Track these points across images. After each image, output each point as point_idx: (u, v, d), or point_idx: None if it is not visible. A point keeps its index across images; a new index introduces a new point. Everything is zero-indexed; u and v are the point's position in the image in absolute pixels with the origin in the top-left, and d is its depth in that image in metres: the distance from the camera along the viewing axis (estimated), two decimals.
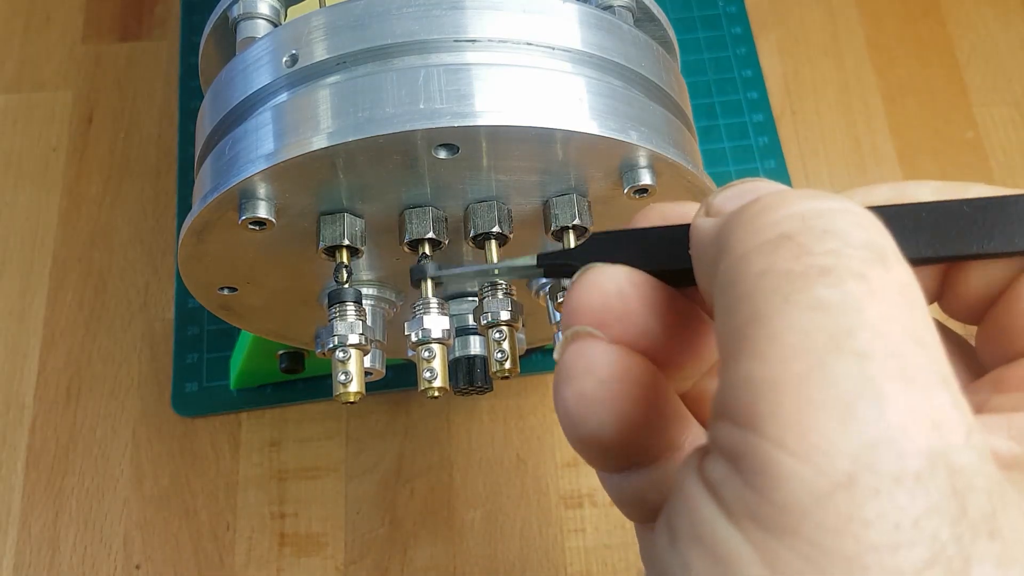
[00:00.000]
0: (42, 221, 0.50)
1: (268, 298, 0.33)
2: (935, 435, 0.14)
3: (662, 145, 0.27)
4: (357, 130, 0.25)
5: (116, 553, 0.42)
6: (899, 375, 0.14)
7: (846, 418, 0.14)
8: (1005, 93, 0.53)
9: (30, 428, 0.45)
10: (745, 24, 0.55)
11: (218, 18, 0.31)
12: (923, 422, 0.14)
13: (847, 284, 0.15)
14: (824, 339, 0.14)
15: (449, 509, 0.43)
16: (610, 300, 0.19)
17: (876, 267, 0.15)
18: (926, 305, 0.16)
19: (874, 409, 0.14)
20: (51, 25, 0.55)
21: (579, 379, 0.19)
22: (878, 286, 0.15)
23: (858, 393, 0.14)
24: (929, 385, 0.14)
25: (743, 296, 0.16)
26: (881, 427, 0.14)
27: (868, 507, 0.13)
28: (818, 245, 0.15)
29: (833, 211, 0.16)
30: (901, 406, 0.14)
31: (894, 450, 0.14)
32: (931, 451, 0.14)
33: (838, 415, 0.14)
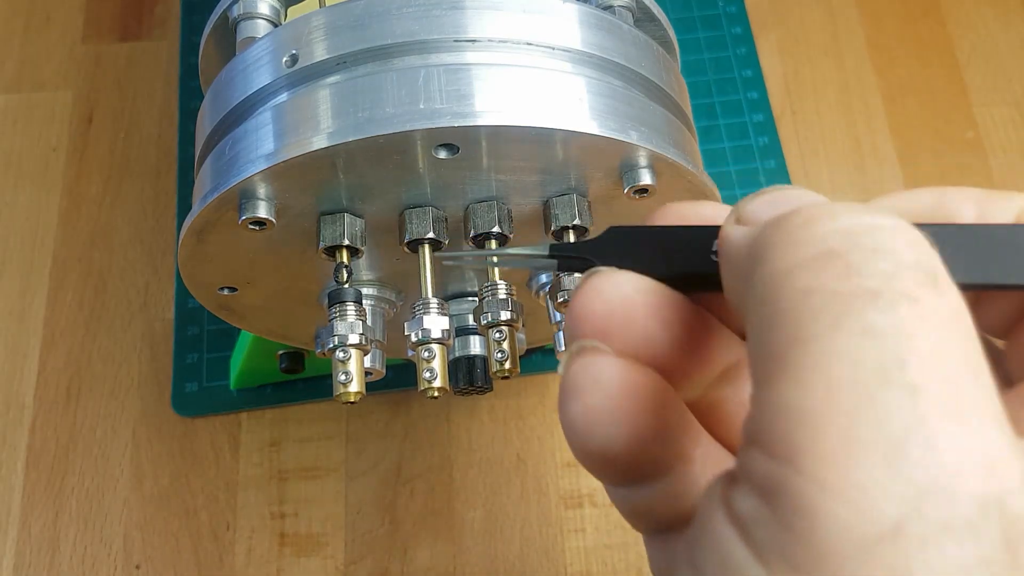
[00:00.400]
0: (42, 221, 0.50)
1: (268, 298, 0.33)
2: (991, 479, 0.13)
3: (662, 145, 0.27)
4: (357, 130, 0.25)
5: (116, 553, 0.42)
6: (953, 412, 0.13)
7: (895, 459, 0.13)
8: (1005, 93, 0.53)
9: (30, 428, 0.45)
10: (745, 24, 0.55)
11: (218, 18, 0.31)
12: (978, 465, 0.13)
13: (899, 309, 0.14)
14: (874, 369, 0.13)
15: (449, 509, 0.43)
16: (614, 308, 0.18)
17: (928, 290, 0.14)
18: (976, 333, 0.15)
19: (926, 450, 0.13)
20: (51, 25, 0.55)
21: (585, 394, 0.18)
22: (931, 311, 0.14)
23: (909, 431, 0.13)
24: (984, 423, 0.13)
25: (784, 314, 0.15)
26: (933, 471, 0.13)
27: (915, 558, 0.13)
28: (868, 265, 0.14)
29: (883, 228, 0.15)
30: (955, 447, 0.13)
31: (946, 496, 0.13)
32: (985, 497, 0.13)
33: (886, 455, 0.13)
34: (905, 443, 0.13)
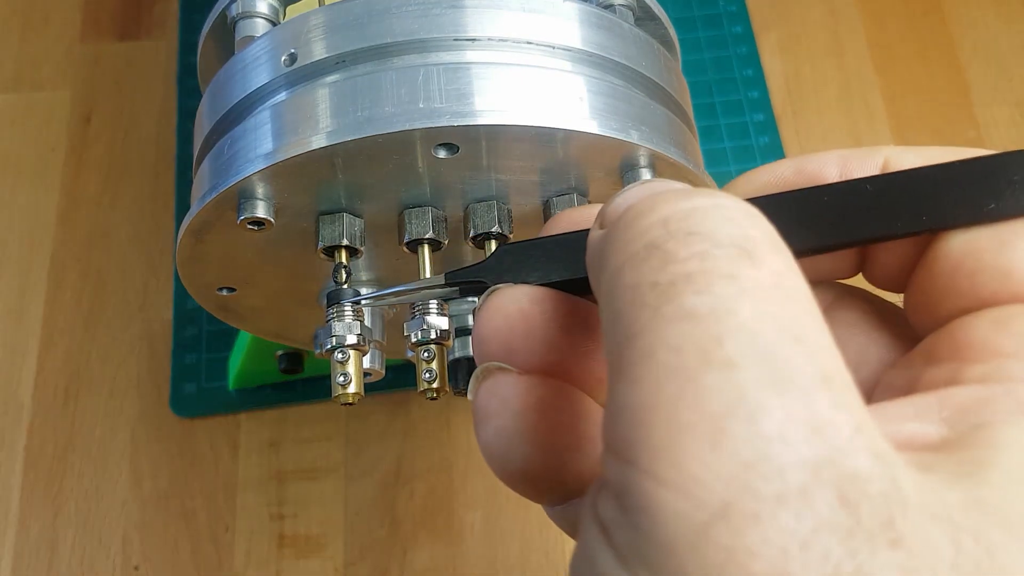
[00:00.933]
0: (40, 221, 0.50)
1: (267, 298, 0.33)
2: (817, 441, 0.13)
3: (663, 144, 0.27)
4: (356, 129, 0.25)
5: (115, 554, 0.42)
6: (771, 381, 0.13)
7: (719, 438, 0.13)
8: (1007, 93, 0.53)
9: (28, 429, 0.45)
10: (746, 23, 0.55)
11: (216, 17, 0.31)
12: (802, 430, 0.13)
13: (715, 287, 0.14)
14: (693, 353, 0.13)
15: (449, 510, 0.43)
16: (514, 322, 0.18)
17: (744, 264, 0.14)
18: (809, 294, 0.14)
19: (748, 424, 0.13)
20: (49, 25, 0.55)
21: (495, 416, 0.18)
22: (750, 284, 0.14)
23: (730, 408, 0.13)
24: (807, 386, 0.13)
25: (617, 314, 0.15)
26: (755, 443, 0.13)
27: (750, 535, 0.12)
28: (683, 250, 0.14)
29: (699, 209, 0.15)
30: (776, 416, 0.13)
31: (772, 467, 0.12)
32: (815, 460, 0.13)
33: (709, 437, 0.13)
34: (726, 420, 0.13)
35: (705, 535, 0.12)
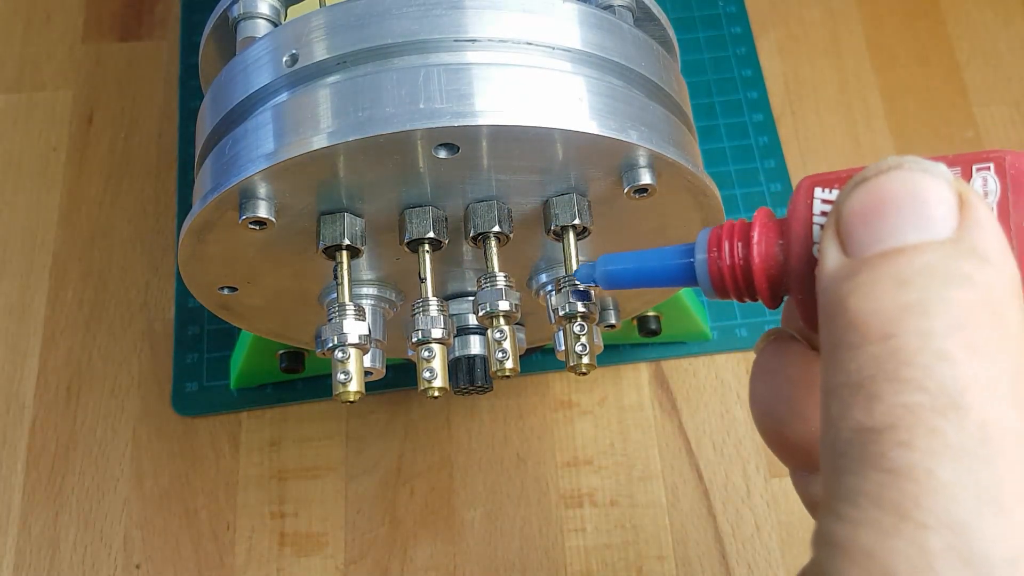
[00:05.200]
0: (42, 221, 0.50)
1: (268, 298, 0.33)
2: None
3: (662, 145, 0.27)
4: (357, 129, 0.25)
5: (116, 553, 0.42)
6: (959, 555, 0.13)
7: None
8: (1005, 93, 0.53)
9: (30, 428, 0.45)
10: (745, 24, 0.55)
11: (218, 18, 0.31)
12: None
13: (917, 442, 0.14)
14: (891, 509, 0.14)
15: (449, 509, 0.43)
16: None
17: (951, 417, 0.14)
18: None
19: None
20: (51, 25, 0.55)
21: (773, 374, 0.19)
22: (953, 441, 0.14)
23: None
24: (996, 567, 0.13)
25: (832, 425, 0.15)
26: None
27: None
28: (891, 395, 0.14)
29: (913, 335, 0.14)
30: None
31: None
32: None
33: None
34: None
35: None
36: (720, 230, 0.20)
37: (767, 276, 0.19)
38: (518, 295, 0.29)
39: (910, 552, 0.13)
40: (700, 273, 0.20)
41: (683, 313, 0.43)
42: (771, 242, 0.19)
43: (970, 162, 0.17)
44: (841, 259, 0.16)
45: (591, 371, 0.30)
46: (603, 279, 0.22)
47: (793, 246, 0.18)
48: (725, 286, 0.19)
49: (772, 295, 0.19)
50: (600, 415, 0.45)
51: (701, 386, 0.46)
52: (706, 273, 0.19)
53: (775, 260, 0.18)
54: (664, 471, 0.44)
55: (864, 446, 0.14)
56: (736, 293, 0.19)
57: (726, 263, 0.19)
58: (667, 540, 0.42)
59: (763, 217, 0.19)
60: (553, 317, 0.30)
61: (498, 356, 0.29)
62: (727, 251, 0.19)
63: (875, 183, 0.16)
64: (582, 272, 0.23)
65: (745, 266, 0.19)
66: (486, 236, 0.28)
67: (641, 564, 0.42)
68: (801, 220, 0.18)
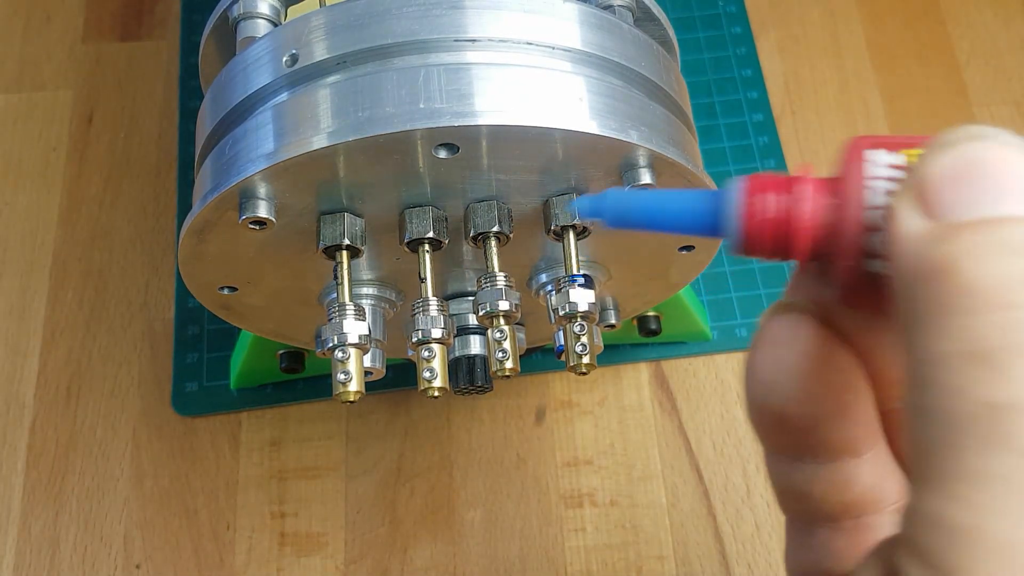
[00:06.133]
0: (42, 221, 0.50)
1: (268, 298, 0.33)
2: None
3: (662, 144, 0.27)
4: (357, 129, 0.25)
5: (116, 553, 0.42)
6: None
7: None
8: (1005, 93, 0.53)
9: (30, 428, 0.45)
10: (745, 24, 0.55)
11: (218, 18, 0.31)
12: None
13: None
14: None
15: (449, 509, 0.43)
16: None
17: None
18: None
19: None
20: (51, 25, 0.55)
21: (780, 345, 0.18)
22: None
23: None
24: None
25: (935, 401, 0.14)
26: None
27: None
28: (1019, 367, 0.13)
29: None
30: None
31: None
32: None
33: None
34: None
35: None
36: (758, 179, 0.18)
37: (813, 235, 0.17)
38: (518, 295, 0.29)
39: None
40: (733, 220, 0.18)
41: (683, 313, 0.43)
42: (821, 201, 0.17)
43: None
44: (926, 223, 0.15)
45: (591, 371, 0.30)
46: (612, 214, 0.19)
47: (850, 208, 0.17)
48: (762, 239, 0.17)
49: (812, 255, 0.17)
50: (600, 415, 0.45)
51: (701, 386, 0.46)
52: (739, 223, 0.17)
53: (823, 219, 0.17)
54: (664, 471, 0.44)
55: (990, 423, 0.13)
56: (772, 249, 0.18)
57: (769, 215, 0.17)
58: (667, 540, 0.42)
59: (810, 173, 0.18)
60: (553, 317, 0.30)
61: (498, 356, 0.29)
62: (771, 204, 0.17)
63: (963, 148, 0.15)
64: (584, 204, 0.19)
65: (788, 221, 0.17)
66: (486, 236, 0.28)
67: (641, 564, 0.42)
68: (855, 181, 0.17)
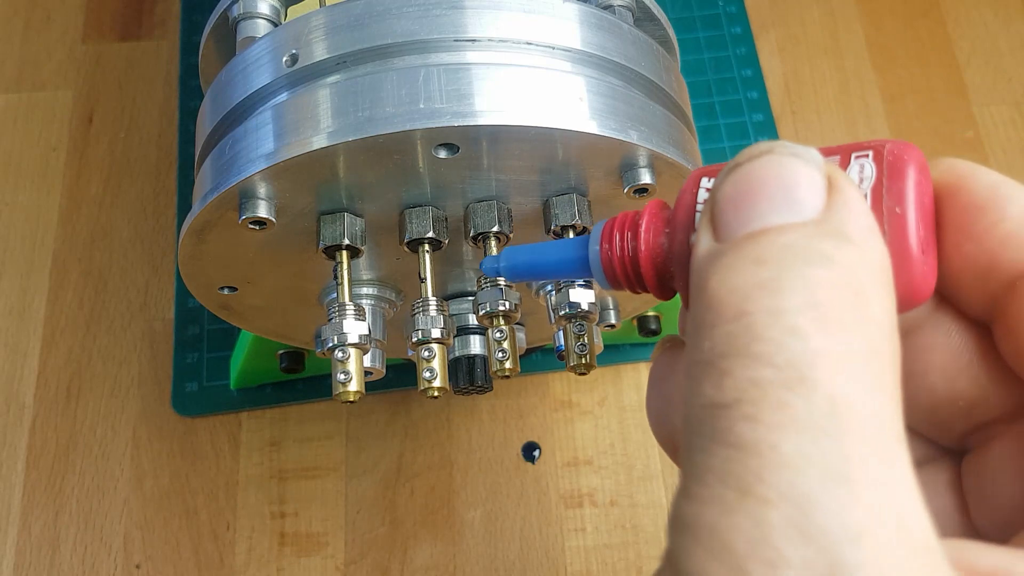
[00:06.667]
0: (42, 221, 0.50)
1: (268, 298, 0.33)
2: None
3: (662, 145, 0.27)
4: (357, 129, 0.25)
5: (116, 553, 0.42)
6: (799, 528, 0.13)
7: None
8: (1005, 92, 0.53)
9: (30, 428, 0.45)
10: (745, 24, 0.55)
11: (218, 18, 0.31)
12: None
13: (764, 416, 0.14)
14: (735, 485, 0.13)
15: (449, 509, 0.43)
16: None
17: (797, 390, 0.14)
18: (876, 416, 0.14)
19: (765, 569, 0.13)
20: (51, 25, 0.55)
21: (663, 381, 0.19)
22: (801, 413, 0.14)
23: (752, 550, 0.13)
24: (837, 539, 0.13)
25: (688, 401, 0.14)
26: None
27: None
28: (739, 370, 0.14)
29: (761, 313, 0.14)
30: (795, 567, 0.13)
31: None
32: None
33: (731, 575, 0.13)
34: (748, 563, 0.13)
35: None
36: (613, 222, 0.20)
37: (654, 265, 0.19)
38: (518, 295, 0.29)
39: (749, 527, 0.13)
40: (593, 264, 0.20)
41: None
42: (658, 232, 0.19)
43: (851, 150, 0.17)
44: (712, 243, 0.16)
45: (591, 371, 0.30)
46: (506, 271, 0.21)
47: (677, 234, 0.18)
48: (616, 277, 0.19)
49: (660, 285, 0.19)
50: (600, 415, 0.45)
51: None
52: (599, 264, 0.19)
53: (661, 249, 0.19)
54: (664, 471, 0.44)
55: (712, 422, 0.14)
56: (628, 284, 0.19)
57: (616, 254, 0.19)
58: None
59: (653, 207, 0.19)
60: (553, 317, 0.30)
61: (498, 356, 0.29)
62: (617, 242, 0.19)
63: (746, 168, 0.16)
64: (487, 264, 0.22)
65: (633, 256, 0.19)
66: (486, 236, 0.28)
67: (641, 564, 0.42)
68: (685, 208, 0.18)
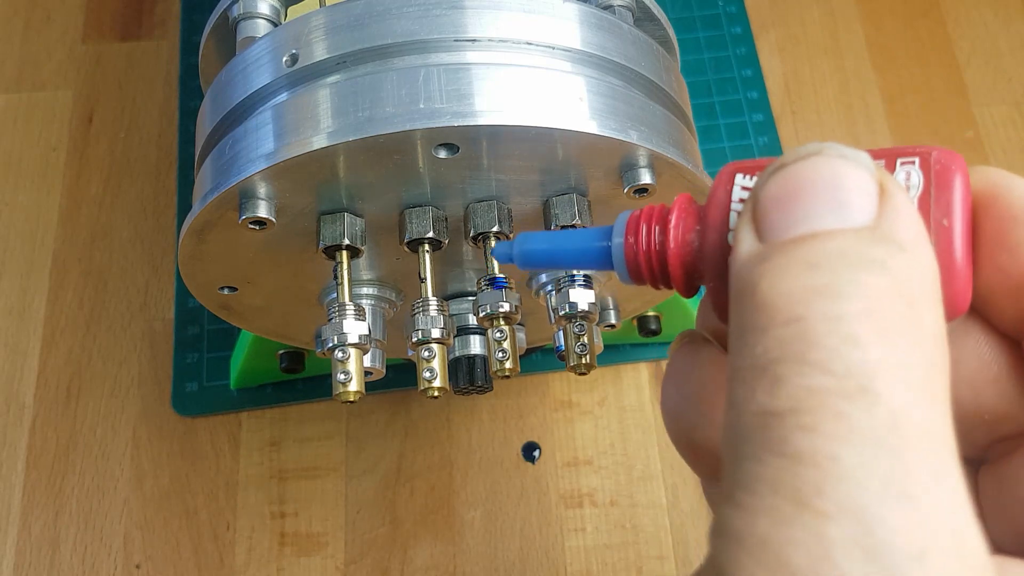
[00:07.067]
0: (42, 221, 0.50)
1: (268, 298, 0.33)
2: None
3: (662, 145, 0.27)
4: (357, 130, 0.25)
5: (116, 553, 0.42)
6: (861, 545, 0.12)
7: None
8: (1005, 92, 0.53)
9: (30, 428, 0.45)
10: (745, 24, 0.55)
11: (218, 18, 0.31)
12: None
13: (823, 426, 0.13)
14: (791, 496, 0.13)
15: (449, 509, 0.43)
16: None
17: (858, 402, 0.13)
18: (938, 433, 0.13)
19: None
20: (51, 25, 0.55)
21: (683, 378, 0.19)
22: (862, 425, 0.13)
23: (811, 567, 0.12)
24: (898, 561, 0.12)
25: (733, 406, 0.14)
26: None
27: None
28: (796, 377, 0.13)
29: (819, 319, 0.14)
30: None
31: None
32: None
33: None
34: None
35: None
36: (640, 214, 0.19)
37: (682, 262, 0.18)
38: (518, 295, 0.29)
39: (808, 541, 0.12)
40: (616, 257, 0.19)
41: (683, 313, 0.43)
42: (688, 228, 0.18)
43: (896, 155, 0.17)
44: (755, 244, 0.15)
45: (591, 371, 0.30)
46: (520, 258, 0.21)
47: (709, 232, 0.17)
48: (640, 271, 0.19)
49: (687, 282, 0.18)
50: (600, 415, 0.45)
51: None
52: (622, 257, 0.19)
53: (691, 246, 0.18)
54: (664, 471, 0.44)
55: (765, 430, 0.13)
56: (651, 279, 0.19)
57: (642, 248, 0.19)
58: (667, 540, 0.42)
59: (683, 202, 0.19)
60: (553, 317, 0.30)
61: (498, 356, 0.29)
62: (644, 235, 0.19)
63: (793, 168, 0.16)
64: (499, 251, 0.21)
65: (661, 251, 0.18)
66: (486, 236, 0.28)
67: (641, 564, 0.42)
68: (719, 206, 0.17)
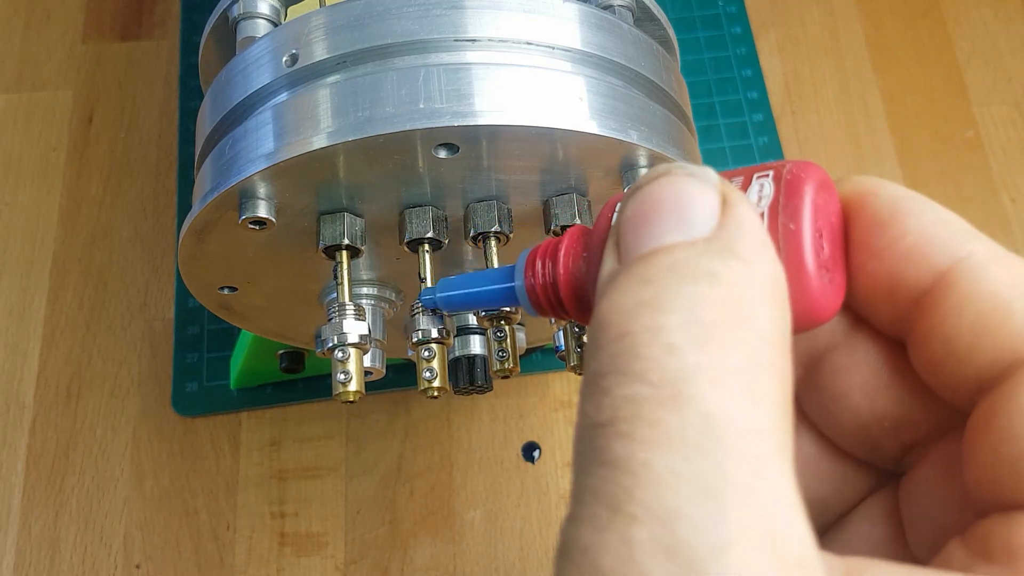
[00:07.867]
0: (42, 221, 0.50)
1: (268, 298, 0.33)
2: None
3: (662, 144, 0.27)
4: (357, 130, 0.25)
5: (116, 553, 0.42)
6: (664, 547, 0.13)
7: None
8: (1005, 92, 0.53)
9: (30, 428, 0.45)
10: (745, 24, 0.55)
11: (218, 18, 0.31)
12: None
13: (638, 433, 0.13)
14: (607, 502, 0.13)
15: (449, 509, 0.43)
16: None
17: (670, 408, 0.14)
18: (749, 434, 0.13)
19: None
20: (51, 25, 0.55)
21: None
22: (673, 431, 0.13)
23: (618, 569, 0.13)
24: (700, 556, 0.13)
25: (578, 417, 0.15)
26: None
27: None
28: (616, 388, 0.14)
29: (640, 332, 0.14)
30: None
31: None
32: None
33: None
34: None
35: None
36: (537, 250, 0.19)
37: (572, 289, 0.18)
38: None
39: (616, 545, 0.12)
40: (520, 293, 0.19)
41: None
42: (576, 256, 0.18)
43: (753, 172, 0.17)
44: (614, 266, 0.16)
45: None
46: (441, 304, 0.21)
47: (593, 258, 0.18)
48: (541, 304, 0.19)
49: (578, 308, 0.19)
50: None
51: None
52: (525, 295, 0.19)
53: (579, 273, 0.18)
54: None
55: (592, 441, 0.14)
56: (552, 310, 0.19)
57: (538, 281, 0.19)
58: None
59: (574, 232, 0.19)
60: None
61: (498, 356, 0.29)
62: (539, 269, 0.19)
63: (645, 190, 0.16)
64: (425, 296, 0.22)
65: (554, 282, 0.19)
66: (486, 236, 0.28)
67: None
68: (600, 232, 0.18)
